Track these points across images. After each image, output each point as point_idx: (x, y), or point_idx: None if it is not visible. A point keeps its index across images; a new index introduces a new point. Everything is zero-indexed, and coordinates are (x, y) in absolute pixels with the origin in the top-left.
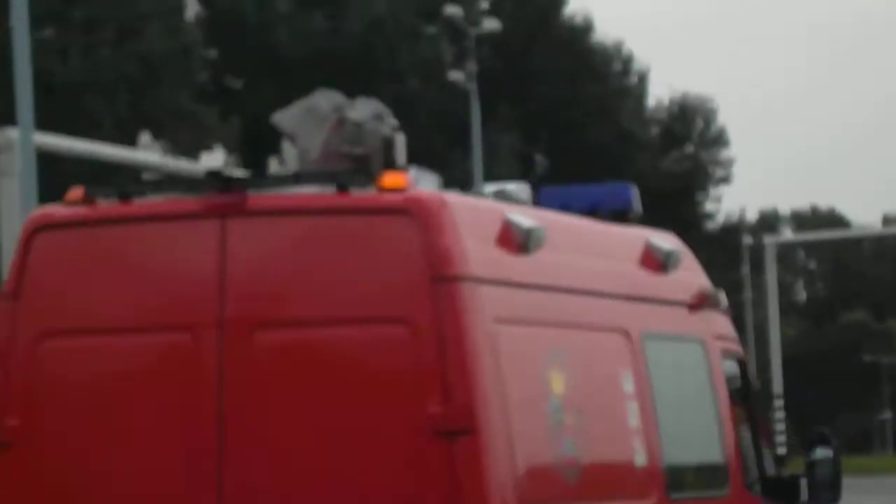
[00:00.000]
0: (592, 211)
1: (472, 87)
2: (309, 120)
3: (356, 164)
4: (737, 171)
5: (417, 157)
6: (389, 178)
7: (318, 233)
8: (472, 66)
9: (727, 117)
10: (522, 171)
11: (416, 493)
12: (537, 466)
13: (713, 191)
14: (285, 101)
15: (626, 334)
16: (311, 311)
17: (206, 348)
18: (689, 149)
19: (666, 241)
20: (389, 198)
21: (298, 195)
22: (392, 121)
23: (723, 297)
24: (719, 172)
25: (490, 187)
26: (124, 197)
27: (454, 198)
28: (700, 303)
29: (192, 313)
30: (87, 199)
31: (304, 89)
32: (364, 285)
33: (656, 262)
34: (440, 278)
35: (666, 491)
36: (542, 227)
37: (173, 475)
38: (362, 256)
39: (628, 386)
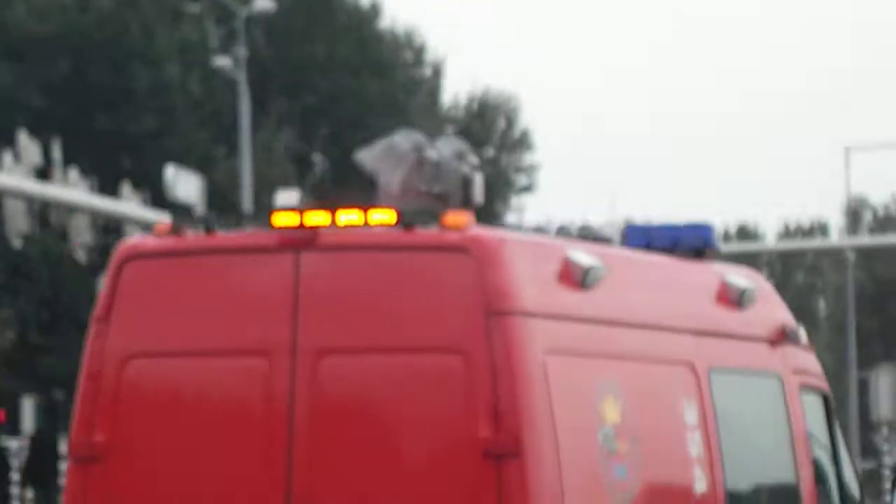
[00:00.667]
0: (672, 248)
1: (241, 76)
2: (389, 158)
3: (435, 202)
4: (541, 177)
5: (177, 155)
6: (451, 218)
7: (383, 267)
8: (241, 51)
9: (531, 118)
10: (298, 174)
11: None
12: (585, 489)
13: (515, 200)
14: (22, 82)
15: (692, 367)
16: (374, 341)
17: (280, 372)
18: (489, 152)
19: (743, 277)
20: (450, 236)
21: (366, 232)
22: (473, 159)
23: (803, 333)
24: (521, 179)
25: (576, 223)
26: (209, 230)
27: (512, 236)
28: (778, 338)
29: (268, 340)
30: (174, 231)
31: (44, 72)
32: (424, 317)
33: (730, 298)
34: (494, 312)
35: None
36: (601, 265)
37: (248, 485)
38: (423, 290)
39: (690, 417)
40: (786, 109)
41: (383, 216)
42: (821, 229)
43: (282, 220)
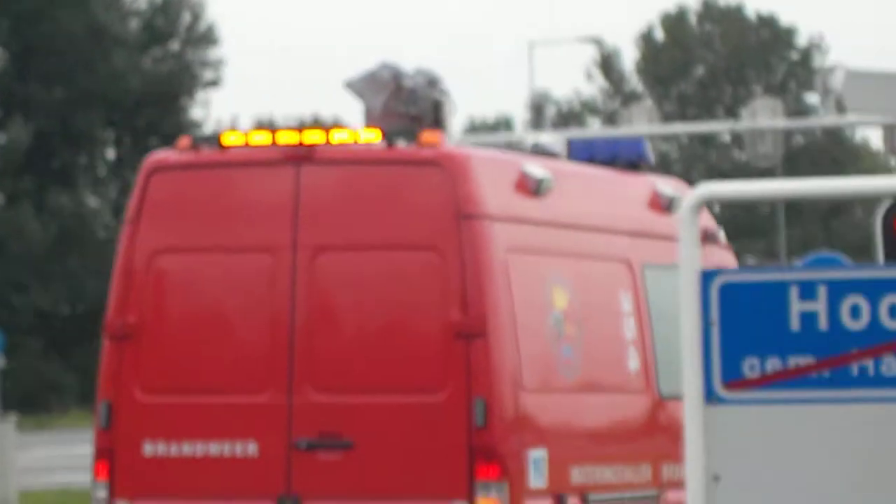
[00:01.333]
0: (611, 161)
1: None
2: (372, 85)
3: (411, 123)
4: (228, 72)
5: None
6: (427, 136)
7: (370, 178)
8: None
9: (217, 12)
10: None
11: (441, 380)
12: (538, 364)
13: (201, 95)
14: None
15: (628, 263)
16: (362, 239)
17: (283, 265)
18: (174, 46)
19: (670, 186)
20: (426, 152)
21: (355, 148)
22: (443, 87)
23: (722, 234)
24: (208, 74)
25: (530, 139)
26: (221, 145)
27: (477, 152)
28: (701, 238)
29: (273, 238)
30: (193, 146)
31: None
32: (404, 220)
33: (661, 204)
34: (463, 216)
35: (657, 390)
36: (551, 177)
37: (256, 355)
38: (404, 197)
39: (626, 306)
40: (469, 4)
41: (370, 135)
42: (505, 124)
43: (284, 137)
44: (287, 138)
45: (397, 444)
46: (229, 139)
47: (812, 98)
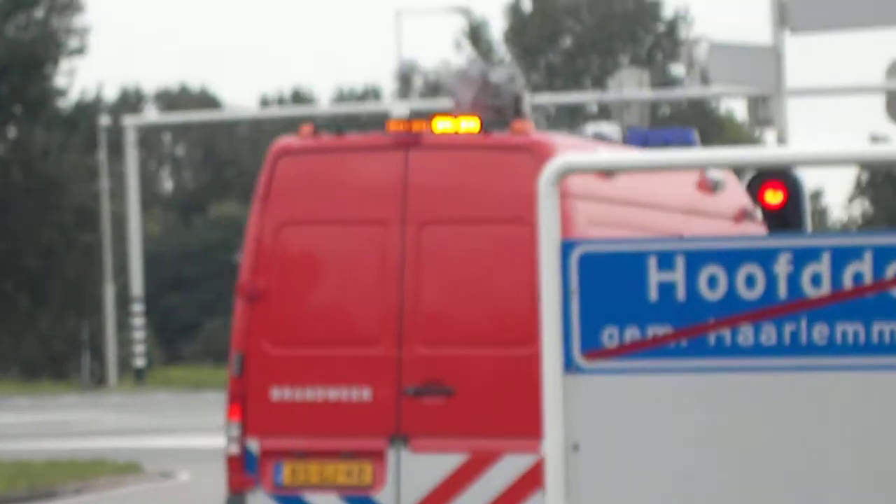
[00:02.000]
0: (664, 146)
1: None
2: (464, 81)
3: (496, 113)
4: (93, 40)
5: None
6: (518, 126)
7: (470, 161)
8: None
9: None
10: None
11: (531, 336)
12: None
13: (65, 63)
14: None
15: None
16: (463, 214)
17: (393, 236)
18: (38, 13)
19: (716, 171)
20: (517, 139)
21: (457, 135)
22: (521, 81)
23: (758, 213)
24: (73, 42)
25: (590, 129)
26: (339, 133)
27: (561, 139)
28: (740, 216)
29: (384, 213)
30: (314, 133)
31: None
32: (500, 197)
33: (707, 185)
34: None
35: None
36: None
37: (371, 308)
38: (499, 178)
39: None
40: None
41: (469, 124)
42: (374, 93)
43: (395, 126)
44: (397, 126)
45: (492, 390)
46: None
47: (678, 69)
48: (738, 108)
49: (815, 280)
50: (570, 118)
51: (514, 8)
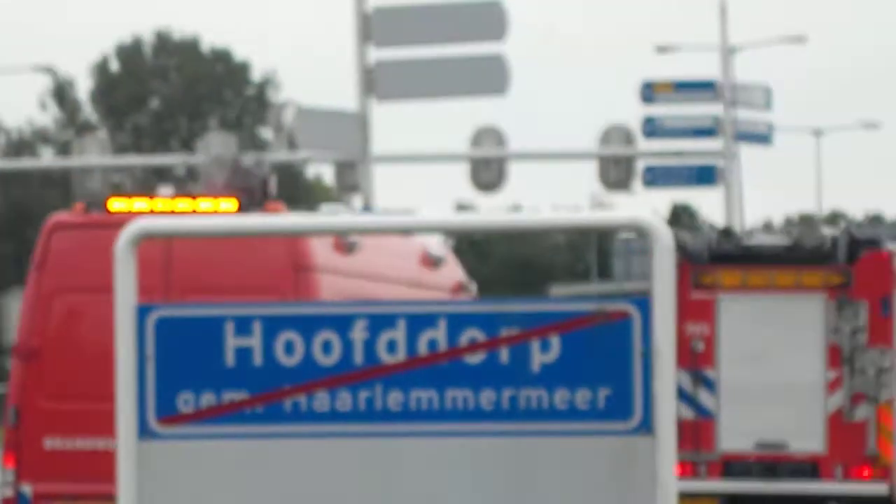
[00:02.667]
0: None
1: None
2: (217, 164)
3: (247, 194)
4: None
5: None
6: (271, 206)
7: (228, 238)
8: None
9: None
10: None
11: None
12: None
13: None
14: None
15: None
16: (221, 283)
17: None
18: None
19: (437, 248)
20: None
21: (217, 214)
22: (267, 166)
23: (473, 287)
24: None
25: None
26: (109, 210)
27: None
28: (457, 289)
29: (149, 282)
30: (86, 210)
31: None
32: (255, 269)
33: (430, 262)
34: (300, 268)
35: None
36: (358, 240)
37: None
38: (255, 253)
39: None
40: None
41: (228, 205)
42: None
43: (160, 205)
44: (163, 206)
45: None
46: (114, 206)
47: (267, 133)
48: (326, 173)
49: (391, 347)
50: (158, 180)
51: (101, 67)
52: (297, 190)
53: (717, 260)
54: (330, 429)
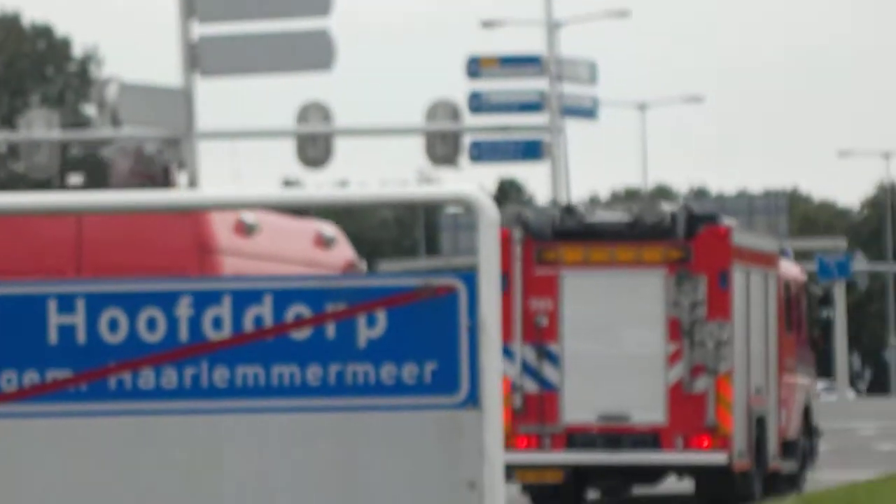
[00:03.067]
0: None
1: None
2: (122, 152)
3: (149, 181)
4: None
5: None
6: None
7: (135, 221)
8: None
9: None
10: None
11: None
12: None
13: None
14: None
15: None
16: (131, 264)
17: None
18: None
19: (329, 229)
20: None
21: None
22: (169, 154)
23: (363, 264)
24: None
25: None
26: None
27: None
28: (348, 267)
29: (61, 265)
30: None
31: None
32: (163, 251)
33: (322, 242)
34: (204, 250)
35: None
36: (257, 223)
37: None
38: (163, 235)
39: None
40: None
41: None
42: None
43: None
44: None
45: None
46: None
47: (90, 109)
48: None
49: (216, 323)
50: None
51: None
52: None
53: (559, 236)
54: (155, 406)
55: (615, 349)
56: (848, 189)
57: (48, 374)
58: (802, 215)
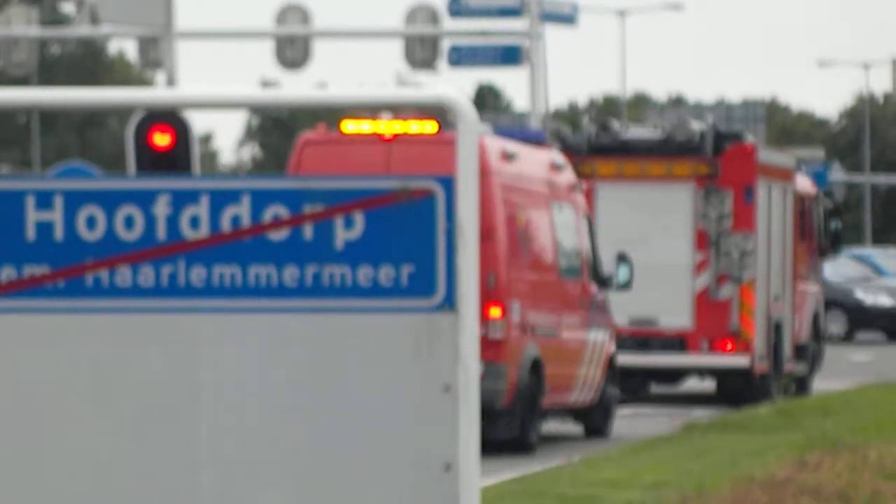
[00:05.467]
0: (528, 141)
1: None
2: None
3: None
4: None
5: None
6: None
7: (431, 149)
8: None
9: None
10: None
11: None
12: (526, 255)
13: None
14: None
15: (547, 199)
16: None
17: None
18: None
19: (559, 157)
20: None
21: (422, 133)
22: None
23: (582, 184)
24: None
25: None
26: (342, 131)
27: (484, 135)
28: (573, 187)
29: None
30: (327, 130)
31: None
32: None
33: (556, 167)
34: (482, 171)
35: (559, 274)
36: (516, 152)
37: None
38: (450, 160)
39: (545, 222)
40: None
41: (430, 126)
42: None
43: (382, 127)
44: (385, 128)
45: None
46: (347, 127)
47: (69, 7)
48: (129, 49)
49: (194, 222)
50: None
51: None
52: (99, 65)
53: (595, 152)
54: (132, 304)
55: (646, 258)
56: (826, 99)
57: (25, 270)
58: (780, 125)
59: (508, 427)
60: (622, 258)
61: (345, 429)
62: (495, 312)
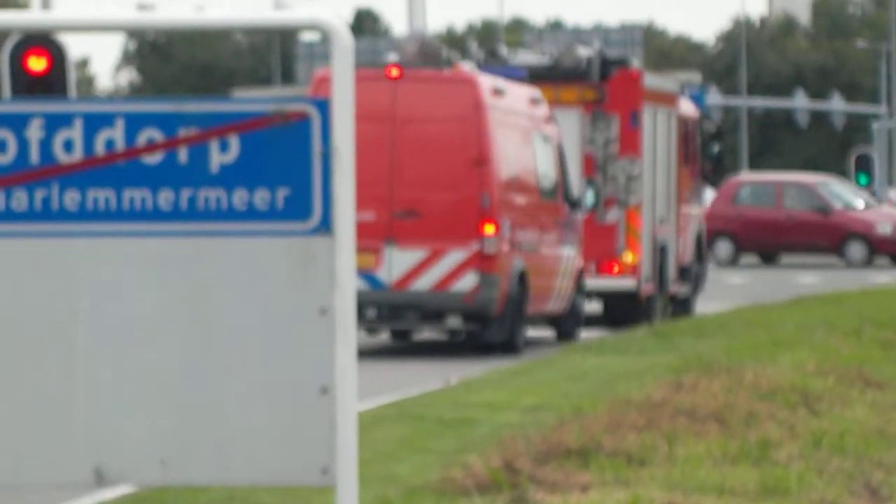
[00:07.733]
0: (511, 78)
1: None
2: (409, 39)
3: (434, 61)
4: None
5: None
6: (458, 67)
7: (434, 88)
8: None
9: None
10: None
11: (465, 191)
12: (513, 180)
13: None
14: None
15: (529, 130)
16: (428, 115)
17: (387, 127)
18: None
19: (536, 92)
20: (458, 74)
21: (426, 71)
22: (440, 40)
23: (555, 117)
24: None
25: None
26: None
27: (480, 76)
28: (549, 119)
29: (383, 114)
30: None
31: None
32: (450, 107)
33: (534, 102)
34: (477, 105)
35: (539, 196)
36: (505, 88)
37: (380, 166)
38: (450, 97)
39: (528, 150)
40: None
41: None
42: None
43: (389, 67)
44: (392, 72)
45: (441, 216)
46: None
47: None
48: None
49: (68, 146)
50: None
51: None
52: None
53: None
54: (5, 228)
55: None
56: (703, 23)
57: None
58: (658, 49)
59: (500, 331)
60: (590, 182)
61: (221, 352)
62: (490, 229)
